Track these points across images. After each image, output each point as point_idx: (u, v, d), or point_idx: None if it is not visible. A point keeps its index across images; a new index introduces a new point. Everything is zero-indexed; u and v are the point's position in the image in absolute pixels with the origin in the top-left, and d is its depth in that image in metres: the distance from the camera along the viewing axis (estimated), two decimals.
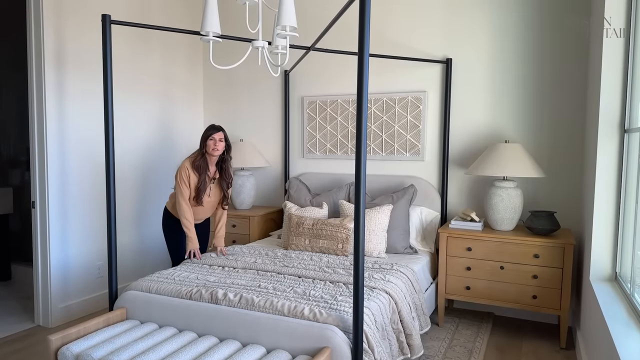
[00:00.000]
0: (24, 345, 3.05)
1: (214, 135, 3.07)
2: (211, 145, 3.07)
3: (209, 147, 3.07)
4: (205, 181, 3.09)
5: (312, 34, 4.09)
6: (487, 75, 3.56)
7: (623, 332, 1.81)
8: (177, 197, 3.09)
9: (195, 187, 3.09)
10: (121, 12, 3.73)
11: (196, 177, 3.08)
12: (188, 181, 3.06)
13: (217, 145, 3.08)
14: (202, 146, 3.10)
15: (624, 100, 2.42)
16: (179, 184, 3.07)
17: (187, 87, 4.46)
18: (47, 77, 3.22)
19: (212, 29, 2.25)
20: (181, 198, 3.07)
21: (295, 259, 3.07)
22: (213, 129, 3.10)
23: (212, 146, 3.07)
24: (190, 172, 3.07)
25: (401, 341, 2.49)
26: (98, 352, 2.06)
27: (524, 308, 3.09)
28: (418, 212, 3.64)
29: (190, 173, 3.07)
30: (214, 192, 3.20)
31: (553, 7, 3.34)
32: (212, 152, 3.08)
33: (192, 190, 3.09)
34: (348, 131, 4.04)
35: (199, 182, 3.08)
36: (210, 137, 3.07)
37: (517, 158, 3.14)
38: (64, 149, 3.36)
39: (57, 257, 3.36)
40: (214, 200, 3.23)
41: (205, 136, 3.08)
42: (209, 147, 3.07)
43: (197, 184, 3.08)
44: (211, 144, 3.07)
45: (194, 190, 3.09)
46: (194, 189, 3.09)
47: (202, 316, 2.31)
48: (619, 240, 2.46)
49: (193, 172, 3.08)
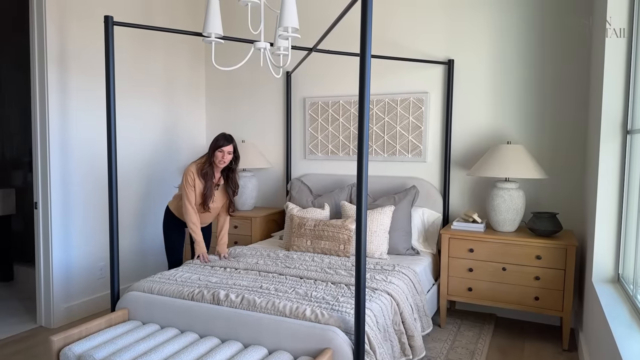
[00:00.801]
0: (26, 346, 3.05)
1: (223, 148, 3.02)
2: (219, 157, 3.03)
3: (217, 158, 3.04)
4: (211, 188, 3.07)
5: (314, 35, 4.10)
6: (489, 76, 3.56)
7: (625, 333, 1.80)
8: (184, 201, 3.07)
9: (202, 194, 3.07)
10: (124, 14, 3.74)
11: (201, 184, 3.07)
12: (194, 185, 3.06)
13: (225, 157, 3.04)
14: (210, 155, 3.06)
15: (626, 101, 2.41)
16: (185, 188, 3.06)
17: (189, 88, 4.47)
18: (49, 78, 3.23)
19: (214, 30, 2.26)
20: (187, 202, 3.06)
21: (297, 260, 3.07)
22: (224, 139, 3.04)
23: (220, 158, 3.03)
24: (195, 177, 3.05)
25: (403, 342, 2.49)
26: (100, 353, 2.06)
27: (526, 309, 3.09)
28: (420, 214, 3.64)
29: (196, 178, 3.06)
30: (218, 197, 3.18)
31: (554, 8, 3.34)
32: (218, 164, 3.05)
33: (197, 195, 3.08)
34: (350, 132, 4.04)
35: (204, 189, 3.06)
36: (220, 149, 3.02)
37: (519, 159, 3.13)
38: (67, 151, 3.37)
39: (59, 258, 3.36)
40: (218, 206, 3.21)
41: (215, 146, 3.03)
42: (217, 158, 3.04)
43: (202, 191, 3.07)
44: (219, 155, 3.03)
45: (200, 197, 3.08)
46: (200, 195, 3.08)
47: (203, 317, 2.31)
48: (621, 241, 2.45)
49: (199, 178, 3.06)
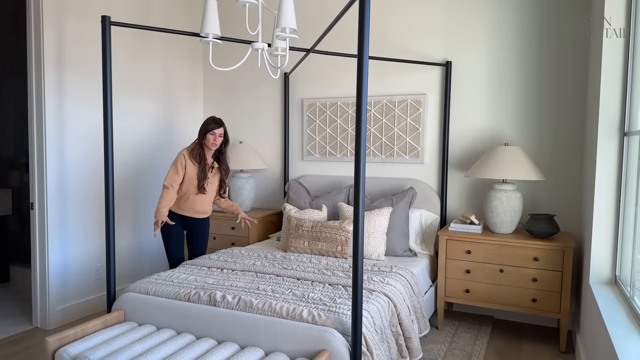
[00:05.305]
0: (22, 347, 3.04)
1: (215, 130, 3.13)
2: (210, 140, 3.14)
3: (208, 141, 3.14)
4: (205, 169, 3.15)
5: (311, 36, 4.10)
6: (487, 78, 3.56)
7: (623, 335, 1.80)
8: (165, 182, 3.08)
9: (197, 176, 3.15)
10: (121, 14, 3.73)
11: (195, 167, 3.14)
12: (184, 170, 3.11)
13: (217, 140, 3.16)
14: (201, 138, 3.16)
15: (623, 102, 2.42)
16: (171, 170, 3.09)
17: (187, 89, 4.46)
18: (46, 79, 3.21)
19: (212, 31, 2.25)
20: (169, 185, 3.08)
21: (294, 261, 3.06)
22: (214, 122, 3.14)
23: (212, 140, 3.14)
24: (187, 161, 3.13)
25: (400, 344, 2.48)
26: (96, 354, 2.05)
27: (523, 311, 3.08)
28: (417, 215, 3.63)
29: (187, 162, 3.13)
30: (212, 180, 3.27)
31: (553, 9, 3.34)
32: (210, 146, 3.15)
33: (188, 180, 3.13)
34: (348, 133, 4.04)
35: (199, 171, 3.14)
36: (211, 131, 3.12)
37: (517, 161, 3.13)
38: (63, 151, 3.36)
39: (55, 259, 3.35)
40: (213, 188, 3.30)
41: (205, 129, 3.14)
42: (208, 141, 3.14)
43: (197, 173, 3.14)
44: (211, 138, 3.13)
45: (196, 178, 3.14)
46: (196, 177, 3.14)
47: (200, 318, 2.30)
48: (618, 243, 2.45)
49: (191, 161, 3.14)
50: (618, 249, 2.45)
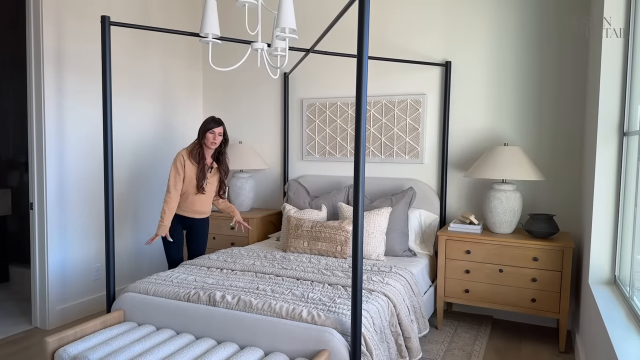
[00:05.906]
0: (21, 347, 3.04)
1: (214, 129, 3.13)
2: (210, 139, 3.13)
3: (208, 140, 3.14)
4: (204, 169, 3.15)
5: (311, 36, 4.10)
6: (486, 78, 3.56)
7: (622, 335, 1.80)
8: (168, 186, 3.10)
9: (196, 176, 3.14)
10: (120, 14, 3.73)
11: (194, 167, 3.14)
12: (183, 170, 3.11)
13: (216, 139, 3.15)
14: (201, 137, 3.15)
15: (623, 102, 2.42)
16: (172, 173, 3.10)
17: (186, 89, 4.46)
18: (46, 78, 3.21)
19: (212, 31, 2.25)
20: (172, 186, 3.09)
21: (294, 261, 3.07)
22: (214, 122, 3.14)
23: (212, 139, 3.14)
24: (186, 161, 3.12)
25: (399, 344, 2.48)
26: (95, 354, 2.05)
27: (523, 311, 3.09)
28: (417, 215, 3.63)
29: (186, 162, 3.13)
30: (211, 180, 3.26)
31: (552, 9, 3.34)
32: (209, 145, 3.15)
33: (187, 180, 3.13)
34: (347, 133, 4.04)
35: (198, 171, 3.14)
36: (211, 130, 3.12)
37: (516, 161, 3.13)
38: (63, 151, 3.36)
39: (54, 259, 3.35)
40: (212, 188, 3.30)
41: (205, 129, 3.13)
42: (208, 140, 3.14)
43: (196, 173, 3.14)
44: (210, 137, 3.13)
45: (195, 178, 3.14)
46: (195, 177, 3.14)
47: (199, 318, 2.30)
48: (618, 243, 2.45)
49: (190, 161, 3.13)
50: (617, 249, 2.46)
